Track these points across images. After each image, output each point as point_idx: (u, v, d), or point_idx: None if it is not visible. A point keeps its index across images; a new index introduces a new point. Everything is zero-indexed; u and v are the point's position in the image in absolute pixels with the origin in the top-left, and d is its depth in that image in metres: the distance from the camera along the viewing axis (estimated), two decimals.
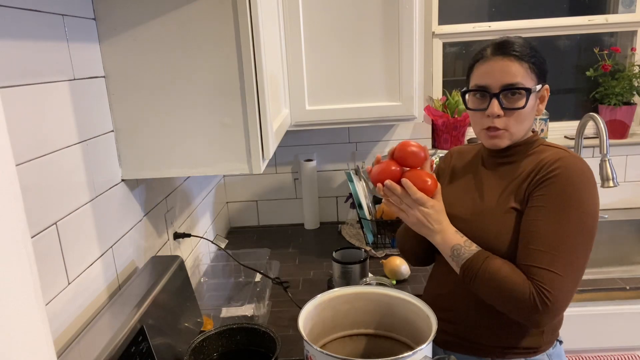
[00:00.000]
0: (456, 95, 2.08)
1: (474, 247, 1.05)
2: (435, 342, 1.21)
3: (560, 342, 1.15)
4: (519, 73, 1.04)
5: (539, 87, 1.07)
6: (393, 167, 1.09)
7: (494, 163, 1.15)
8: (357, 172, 1.96)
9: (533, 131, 1.15)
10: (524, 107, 1.04)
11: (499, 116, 1.05)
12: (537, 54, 1.07)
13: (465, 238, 1.07)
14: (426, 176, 1.07)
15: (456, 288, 1.14)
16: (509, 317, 1.04)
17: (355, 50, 1.70)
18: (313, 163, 2.09)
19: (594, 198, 1.00)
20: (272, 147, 1.19)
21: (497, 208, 1.08)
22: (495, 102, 1.05)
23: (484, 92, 1.07)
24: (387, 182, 1.07)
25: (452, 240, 1.07)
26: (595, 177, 1.04)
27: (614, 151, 2.10)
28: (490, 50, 1.07)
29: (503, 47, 1.06)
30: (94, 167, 1.06)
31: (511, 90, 1.04)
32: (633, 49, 2.13)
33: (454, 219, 1.12)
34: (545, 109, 2.07)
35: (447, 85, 2.17)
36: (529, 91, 1.04)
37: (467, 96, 1.13)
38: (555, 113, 2.19)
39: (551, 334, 1.11)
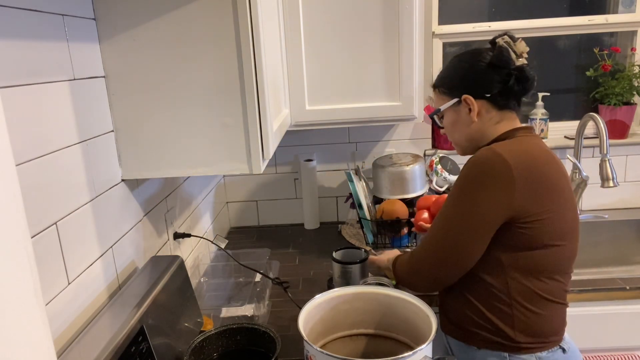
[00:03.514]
0: None
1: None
2: (440, 328, 1.26)
3: (564, 349, 1.13)
4: (433, 102, 1.29)
5: (446, 105, 1.21)
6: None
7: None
8: (357, 172, 1.96)
9: (521, 127, 1.16)
10: (440, 126, 1.28)
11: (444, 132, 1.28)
12: (446, 77, 1.23)
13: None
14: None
15: None
16: (461, 300, 1.16)
17: (355, 50, 1.70)
18: (313, 163, 2.09)
19: (479, 191, 1.05)
20: (272, 147, 1.19)
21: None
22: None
23: None
24: None
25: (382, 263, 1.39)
26: (510, 173, 1.02)
27: (614, 151, 2.10)
28: None
29: None
30: (94, 167, 1.06)
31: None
32: (633, 49, 2.13)
33: None
34: (545, 108, 2.08)
35: None
36: (432, 116, 1.27)
37: None
38: (555, 113, 2.19)
39: (525, 330, 1.10)
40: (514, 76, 1.12)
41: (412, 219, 1.61)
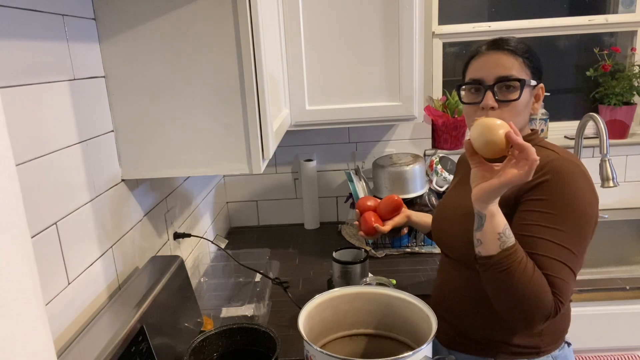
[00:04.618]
0: (456, 95, 2.08)
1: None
2: (438, 341, 1.21)
3: (569, 344, 1.14)
4: (513, 66, 1.04)
5: (533, 82, 1.07)
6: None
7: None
8: (357, 172, 1.96)
9: (533, 130, 1.14)
10: (518, 98, 1.03)
11: (493, 108, 1.04)
12: (532, 52, 1.08)
13: None
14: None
15: (457, 285, 1.15)
16: (495, 319, 1.05)
17: (355, 50, 1.70)
18: (313, 163, 2.09)
19: (588, 199, 0.99)
20: (272, 147, 1.19)
21: (471, 209, 1.00)
22: (489, 94, 1.04)
23: (478, 86, 1.07)
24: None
25: (503, 219, 0.96)
26: (588, 174, 1.03)
27: (614, 151, 2.10)
28: (485, 46, 1.08)
29: (498, 43, 1.07)
30: (94, 167, 1.06)
31: (505, 82, 1.04)
32: (633, 49, 2.13)
33: (434, 222, 1.22)
34: (545, 108, 2.08)
35: (447, 85, 2.17)
36: (523, 82, 1.03)
37: (462, 91, 1.13)
38: (555, 113, 2.19)
39: (552, 335, 1.10)
40: None
41: (356, 223, 1.46)
